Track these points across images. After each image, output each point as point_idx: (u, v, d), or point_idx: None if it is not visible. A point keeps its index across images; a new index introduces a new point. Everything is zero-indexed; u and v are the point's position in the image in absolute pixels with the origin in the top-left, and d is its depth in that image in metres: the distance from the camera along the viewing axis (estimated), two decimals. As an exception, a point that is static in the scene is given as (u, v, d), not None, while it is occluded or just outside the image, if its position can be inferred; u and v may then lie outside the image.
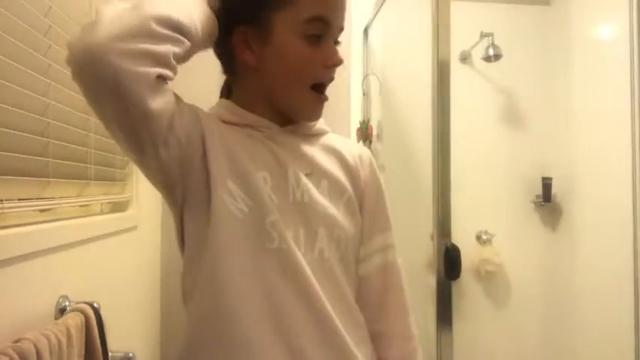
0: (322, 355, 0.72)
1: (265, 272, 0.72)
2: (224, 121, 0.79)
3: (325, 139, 0.86)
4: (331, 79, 0.78)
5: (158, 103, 0.63)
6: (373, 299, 0.83)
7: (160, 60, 0.62)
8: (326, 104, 0.83)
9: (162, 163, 0.69)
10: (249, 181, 0.73)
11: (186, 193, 0.74)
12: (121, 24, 0.59)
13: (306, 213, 0.75)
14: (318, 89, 0.77)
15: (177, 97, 0.72)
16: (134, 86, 0.59)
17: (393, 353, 0.82)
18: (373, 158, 0.89)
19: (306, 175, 0.77)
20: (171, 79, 0.66)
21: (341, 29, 0.77)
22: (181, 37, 0.65)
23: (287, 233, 0.73)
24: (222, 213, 0.71)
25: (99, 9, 0.60)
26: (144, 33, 0.60)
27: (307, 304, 0.72)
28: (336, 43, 0.78)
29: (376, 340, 0.82)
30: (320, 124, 0.86)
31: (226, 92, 0.88)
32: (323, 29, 0.74)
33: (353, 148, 0.88)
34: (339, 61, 0.76)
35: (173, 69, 0.65)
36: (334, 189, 0.79)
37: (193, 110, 0.77)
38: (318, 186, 0.78)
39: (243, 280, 0.70)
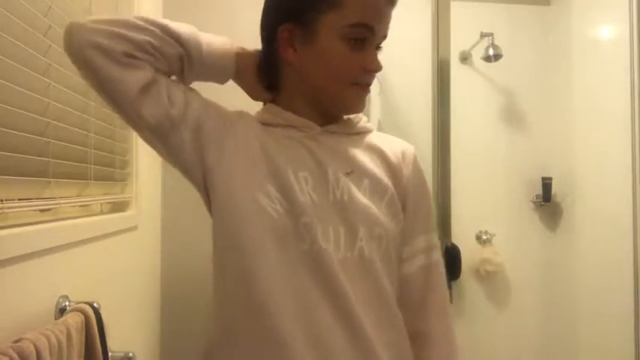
0: (349, 357, 0.72)
1: (297, 272, 0.73)
2: (266, 124, 0.83)
3: (368, 138, 0.87)
4: (369, 83, 0.81)
5: (128, 75, 0.70)
6: (415, 299, 0.83)
7: (131, 42, 0.69)
8: None
9: (151, 127, 0.77)
10: (284, 181, 0.75)
11: (207, 181, 0.78)
12: (112, 17, 0.70)
13: (346, 212, 0.76)
14: (359, 86, 0.80)
15: (191, 92, 0.79)
16: (97, 57, 0.68)
17: (434, 354, 0.83)
18: (416, 155, 0.89)
19: (347, 174, 0.78)
20: (145, 59, 0.72)
21: (384, 36, 0.80)
22: (167, 37, 0.72)
23: (321, 234, 0.73)
24: (253, 211, 0.73)
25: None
26: (124, 23, 0.70)
27: (336, 306, 0.72)
28: (378, 49, 0.80)
29: (416, 339, 0.82)
30: (363, 122, 0.88)
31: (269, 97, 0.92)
32: (366, 34, 0.77)
33: (395, 145, 0.88)
34: (378, 67, 0.79)
35: (150, 55, 0.71)
36: (376, 188, 0.80)
37: (226, 115, 0.83)
38: (359, 185, 0.78)
39: (274, 277, 0.71)
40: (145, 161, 1.57)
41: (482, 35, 2.14)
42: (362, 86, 0.79)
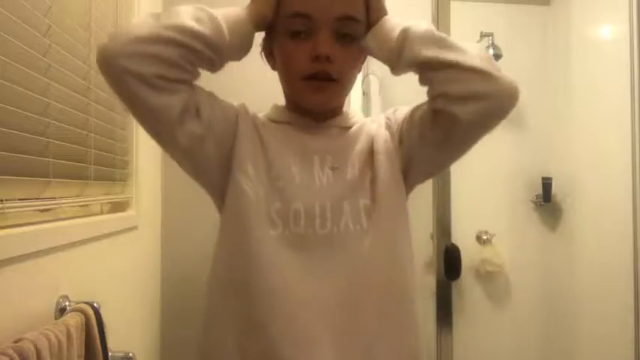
0: (333, 337, 0.71)
1: (283, 249, 0.73)
2: (273, 120, 0.84)
3: (359, 127, 0.85)
4: (323, 70, 0.73)
5: (162, 99, 0.67)
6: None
7: (164, 61, 0.66)
8: None
9: (184, 149, 0.74)
10: (276, 168, 0.76)
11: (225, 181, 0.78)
12: (137, 31, 0.66)
13: (331, 191, 0.76)
14: (311, 79, 0.75)
15: (207, 94, 0.79)
16: (135, 86, 0.65)
17: None
18: (387, 113, 0.89)
19: (332, 169, 0.77)
20: (182, 79, 0.70)
21: (343, 18, 0.73)
22: (196, 43, 0.68)
23: (302, 214, 0.73)
24: (241, 196, 0.74)
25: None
26: (153, 38, 0.65)
27: (314, 280, 0.72)
28: (345, 37, 0.74)
29: None
30: (355, 116, 0.86)
31: None
32: (307, 24, 0.73)
33: (378, 124, 0.86)
34: (322, 51, 0.71)
35: (184, 70, 0.69)
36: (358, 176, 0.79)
37: (231, 110, 0.82)
38: (343, 176, 0.78)
39: (266, 251, 0.72)
40: (145, 161, 1.57)
41: (482, 35, 2.14)
42: (312, 81, 0.74)
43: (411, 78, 0.85)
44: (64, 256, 0.99)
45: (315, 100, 0.77)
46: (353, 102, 2.17)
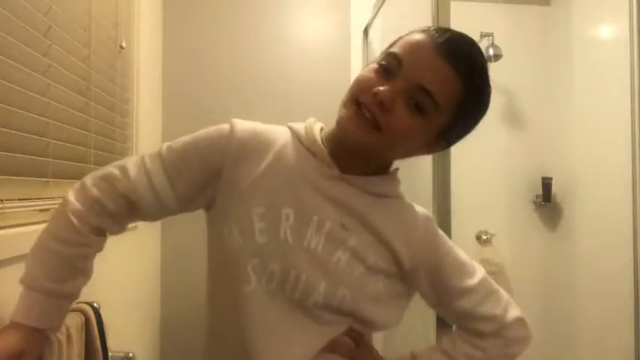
0: None
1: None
2: (302, 142, 0.77)
3: (390, 204, 0.80)
4: (366, 103, 0.69)
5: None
6: None
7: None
8: (326, 104, 0.82)
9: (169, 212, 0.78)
10: (266, 220, 0.72)
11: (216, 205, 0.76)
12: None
13: (314, 262, 0.72)
14: (359, 107, 0.70)
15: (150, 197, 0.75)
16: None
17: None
18: (432, 223, 0.86)
19: (341, 226, 0.73)
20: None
21: (420, 87, 0.69)
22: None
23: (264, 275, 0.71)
24: (222, 243, 0.74)
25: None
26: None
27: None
28: (415, 103, 0.69)
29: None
30: (387, 185, 0.80)
31: None
32: (394, 66, 0.70)
33: (418, 218, 0.84)
34: (378, 91, 0.68)
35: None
36: (360, 250, 0.74)
37: (208, 158, 0.75)
38: (343, 241, 0.73)
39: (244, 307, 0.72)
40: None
41: (482, 35, 2.14)
42: (357, 105, 0.69)
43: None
44: (64, 256, 0.99)
45: (348, 130, 0.70)
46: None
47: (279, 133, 0.78)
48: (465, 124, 0.78)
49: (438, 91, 0.69)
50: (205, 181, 0.74)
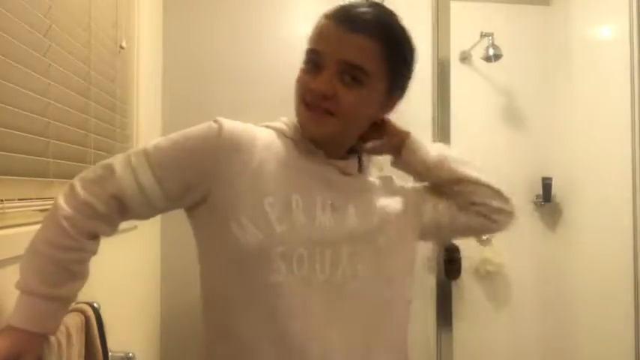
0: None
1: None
2: (287, 136, 0.83)
3: (377, 178, 0.92)
4: (311, 102, 0.77)
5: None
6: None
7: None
8: None
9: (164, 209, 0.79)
10: (277, 209, 0.74)
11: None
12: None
13: (331, 235, 0.77)
14: (310, 107, 0.78)
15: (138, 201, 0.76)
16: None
17: None
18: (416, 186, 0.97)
19: (331, 205, 0.78)
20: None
21: (344, 62, 0.75)
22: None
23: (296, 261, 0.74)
24: (236, 245, 0.74)
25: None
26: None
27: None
28: (350, 78, 0.75)
29: None
30: (355, 165, 0.87)
31: None
32: (316, 59, 0.77)
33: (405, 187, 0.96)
34: (312, 87, 0.76)
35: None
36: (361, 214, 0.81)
37: (196, 158, 0.76)
38: (344, 214, 0.79)
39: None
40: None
41: (483, 35, 2.14)
42: (310, 108, 0.77)
43: (412, 79, 0.85)
44: (64, 256, 0.99)
45: (311, 128, 0.79)
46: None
47: (261, 130, 0.82)
48: (403, 69, 0.83)
49: (361, 59, 0.75)
50: (195, 179, 0.75)
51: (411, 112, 2.00)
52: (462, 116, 1.93)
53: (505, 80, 2.23)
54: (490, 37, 2.12)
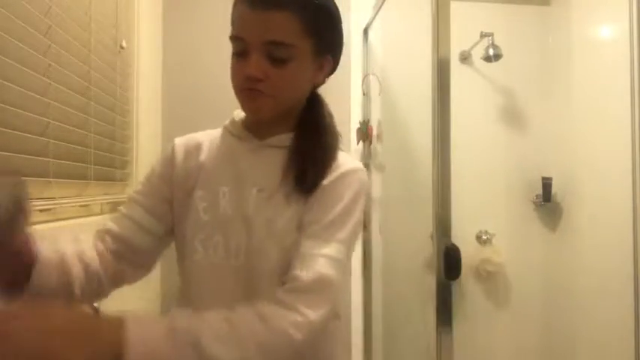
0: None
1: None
2: (229, 131, 0.89)
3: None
4: (250, 87, 0.79)
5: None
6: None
7: None
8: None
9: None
10: (206, 201, 0.82)
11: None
12: None
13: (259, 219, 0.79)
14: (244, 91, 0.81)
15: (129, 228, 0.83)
16: None
17: None
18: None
19: (259, 191, 0.80)
20: None
21: (269, 42, 0.77)
22: None
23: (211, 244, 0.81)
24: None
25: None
26: None
27: None
28: (276, 60, 0.77)
29: None
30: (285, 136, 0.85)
31: None
32: (242, 46, 0.80)
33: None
34: (246, 73, 0.78)
35: None
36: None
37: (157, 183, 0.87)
38: (267, 201, 0.80)
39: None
40: (145, 161, 1.56)
41: (482, 35, 2.14)
42: (245, 91, 0.80)
43: (411, 78, 0.85)
44: (64, 256, 0.99)
45: (247, 107, 0.82)
46: (353, 102, 2.17)
47: (212, 133, 0.90)
48: (324, 28, 0.82)
49: (281, 35, 0.76)
50: (167, 191, 0.85)
51: (411, 112, 2.01)
52: (462, 116, 1.93)
53: (505, 80, 2.24)
54: (490, 37, 2.12)
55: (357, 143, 2.09)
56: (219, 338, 0.61)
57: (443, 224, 1.53)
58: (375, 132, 2.15)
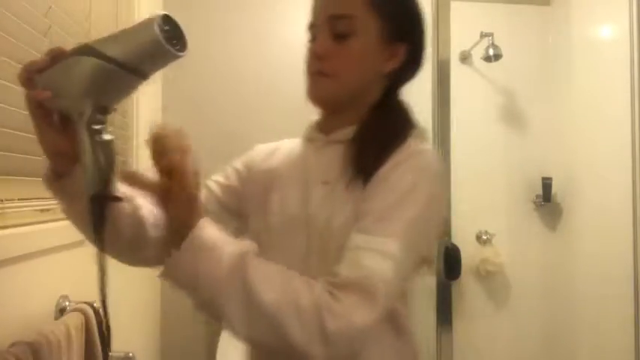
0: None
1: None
2: (303, 137, 0.87)
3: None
4: (314, 69, 0.77)
5: None
6: None
7: None
8: None
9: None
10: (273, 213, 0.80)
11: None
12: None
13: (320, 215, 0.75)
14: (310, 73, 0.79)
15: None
16: None
17: None
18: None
19: (323, 183, 0.76)
20: None
21: (333, 17, 0.75)
22: None
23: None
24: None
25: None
26: None
27: None
28: (338, 36, 0.75)
29: None
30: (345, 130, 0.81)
31: None
32: (313, 30, 0.78)
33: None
34: (313, 50, 0.77)
35: None
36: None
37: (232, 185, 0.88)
38: (331, 194, 0.75)
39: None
40: (145, 161, 1.57)
41: (482, 35, 2.14)
42: (310, 76, 0.78)
43: (418, 79, 0.85)
44: (63, 256, 0.99)
45: (310, 94, 0.78)
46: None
47: (293, 140, 0.89)
48: (397, 10, 0.78)
49: (344, 7, 0.75)
50: (241, 191, 0.86)
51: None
52: (462, 116, 1.93)
53: (505, 80, 2.23)
54: (490, 37, 2.12)
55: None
56: (266, 278, 0.60)
57: (443, 224, 1.54)
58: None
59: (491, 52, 2.10)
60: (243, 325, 0.59)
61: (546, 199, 2.19)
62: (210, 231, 0.62)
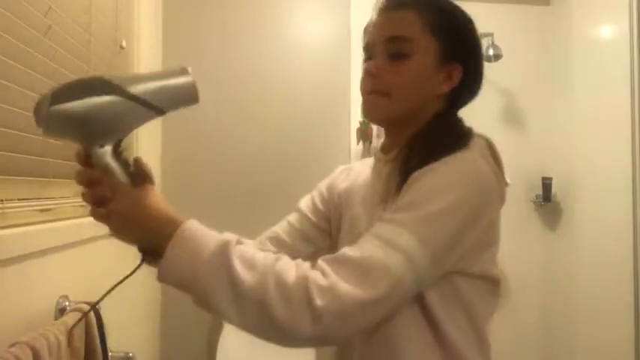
0: None
1: None
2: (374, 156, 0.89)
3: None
4: (367, 89, 0.79)
5: None
6: None
7: None
8: (326, 104, 0.85)
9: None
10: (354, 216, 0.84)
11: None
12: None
13: None
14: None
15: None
16: None
17: None
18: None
19: (381, 201, 0.77)
20: None
21: (389, 39, 0.77)
22: None
23: None
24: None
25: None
26: None
27: None
28: (395, 58, 0.76)
29: None
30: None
31: None
32: (369, 52, 0.81)
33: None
34: (367, 69, 0.79)
35: None
36: None
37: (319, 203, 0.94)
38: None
39: None
40: (145, 161, 1.56)
41: (482, 35, 2.13)
42: (365, 96, 0.80)
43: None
44: (63, 256, 0.99)
45: (365, 113, 0.81)
46: (353, 102, 2.17)
47: (366, 160, 0.92)
48: (450, 32, 0.81)
49: (400, 29, 0.77)
50: (326, 210, 0.92)
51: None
52: (463, 116, 1.93)
53: (505, 80, 2.23)
54: (490, 37, 2.12)
55: (357, 143, 2.09)
56: (249, 263, 0.59)
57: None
58: (375, 132, 2.14)
59: (491, 52, 2.10)
60: (236, 315, 0.58)
61: (546, 199, 2.19)
62: (193, 226, 0.64)
